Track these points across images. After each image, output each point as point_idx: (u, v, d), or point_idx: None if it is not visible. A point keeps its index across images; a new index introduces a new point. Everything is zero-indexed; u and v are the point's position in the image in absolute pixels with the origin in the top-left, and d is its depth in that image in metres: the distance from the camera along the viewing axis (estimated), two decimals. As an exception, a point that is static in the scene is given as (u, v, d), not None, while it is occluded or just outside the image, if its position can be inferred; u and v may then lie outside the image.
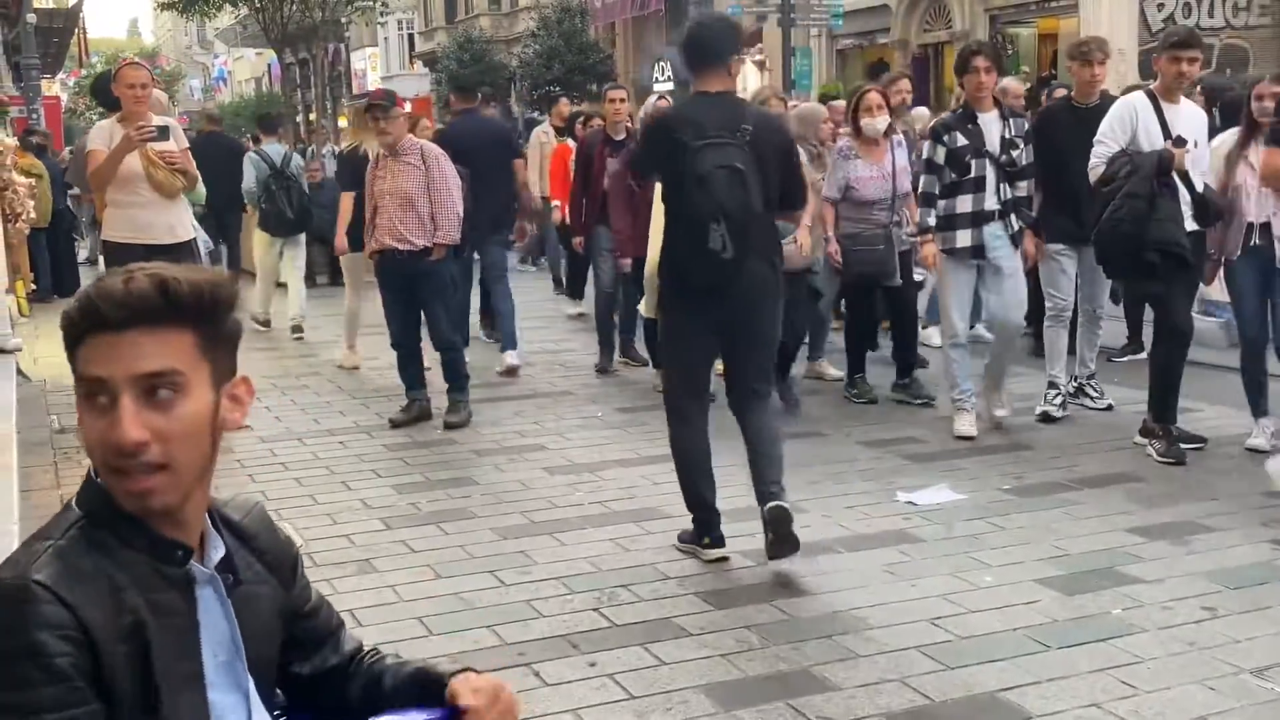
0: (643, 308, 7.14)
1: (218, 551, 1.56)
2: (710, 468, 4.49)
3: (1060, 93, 7.36)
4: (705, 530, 4.44)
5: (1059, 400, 6.29)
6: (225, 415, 1.50)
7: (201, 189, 7.03)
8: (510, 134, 9.94)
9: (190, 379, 1.44)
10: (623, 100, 7.91)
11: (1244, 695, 3.26)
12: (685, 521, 4.54)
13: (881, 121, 6.61)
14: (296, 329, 9.47)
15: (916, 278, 7.09)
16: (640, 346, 7.88)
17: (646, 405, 6.72)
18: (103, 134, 6.12)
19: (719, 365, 4.65)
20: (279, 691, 1.68)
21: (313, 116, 47.29)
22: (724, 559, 4.36)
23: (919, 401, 6.67)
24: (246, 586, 1.58)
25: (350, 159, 8.02)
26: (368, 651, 1.78)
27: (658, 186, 5.15)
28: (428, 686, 1.65)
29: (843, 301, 7.45)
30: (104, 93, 7.57)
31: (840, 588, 4.08)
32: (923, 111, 8.90)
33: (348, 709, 1.69)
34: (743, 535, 4.60)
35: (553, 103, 12.10)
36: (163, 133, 5.98)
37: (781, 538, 4.19)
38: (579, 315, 9.96)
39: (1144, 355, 6.74)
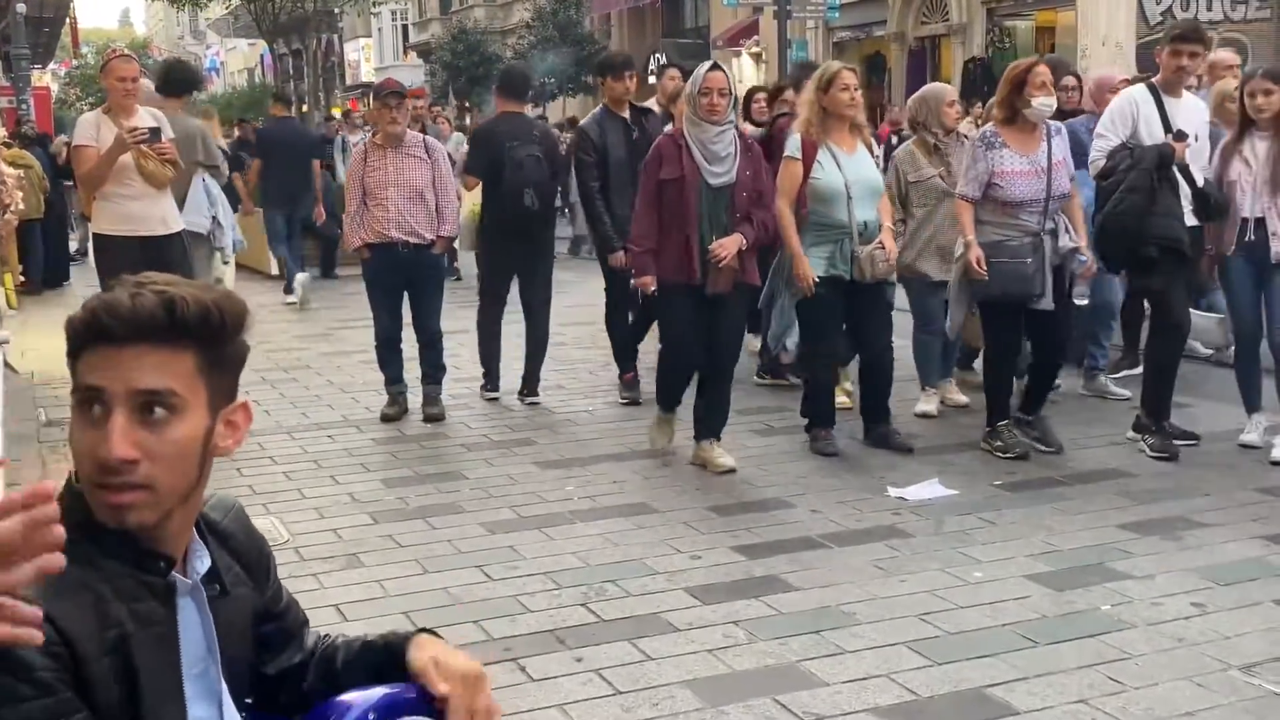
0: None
1: (203, 563, 1.53)
2: (499, 343, 6.94)
3: (1070, 80, 7.01)
4: (491, 381, 6.97)
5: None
6: (218, 441, 1.48)
7: None
8: (317, 140, 12.08)
9: (187, 400, 1.42)
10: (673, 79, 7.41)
11: (1232, 692, 3.24)
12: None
13: (1052, 102, 5.45)
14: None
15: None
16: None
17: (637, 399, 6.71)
18: (88, 127, 6.02)
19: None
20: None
21: (305, 108, 47.10)
22: (495, 399, 6.87)
23: (1050, 450, 5.55)
24: (230, 594, 1.56)
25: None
26: (321, 639, 1.75)
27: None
28: (383, 655, 1.63)
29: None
30: (176, 81, 7.43)
31: (829, 583, 4.06)
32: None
33: (306, 702, 1.66)
34: (730, 530, 4.61)
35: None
36: (154, 134, 5.92)
37: (531, 390, 6.86)
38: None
39: (1139, 371, 6.32)
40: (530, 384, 6.87)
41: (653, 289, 5.40)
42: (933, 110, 6.12)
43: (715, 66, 5.32)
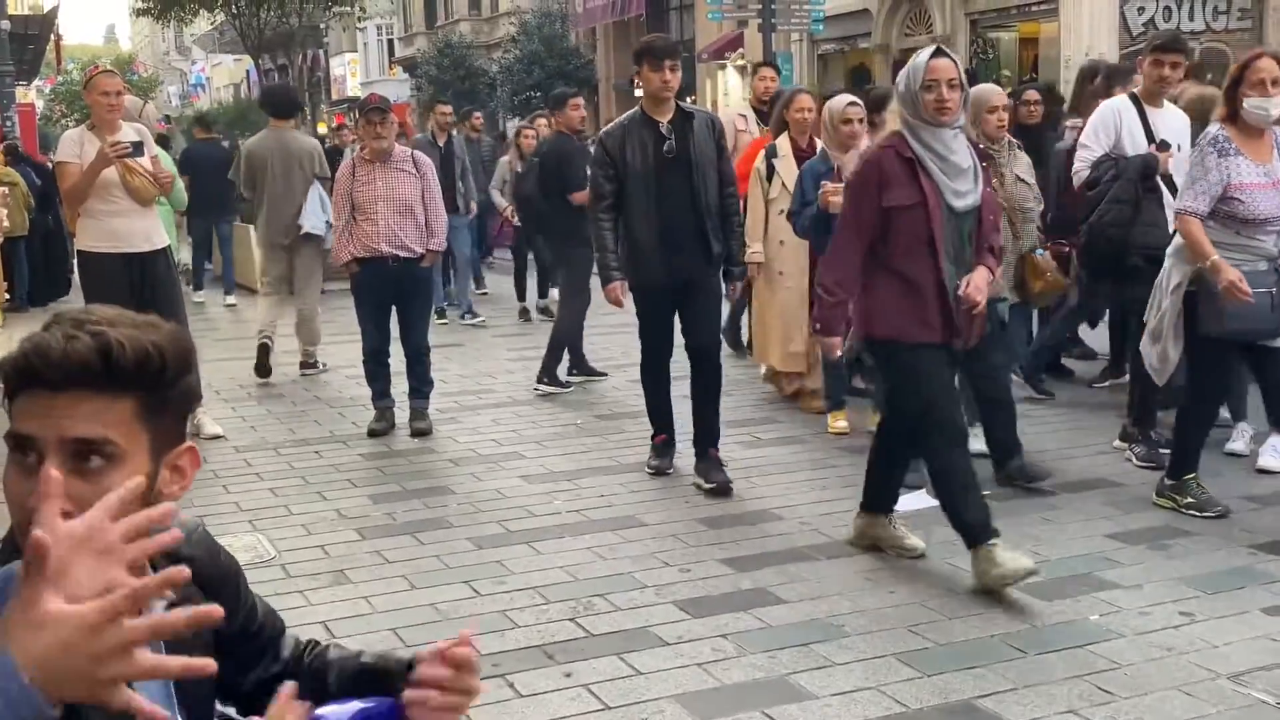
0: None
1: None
2: (579, 334, 7.71)
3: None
4: (550, 373, 7.48)
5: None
6: (162, 488, 1.39)
7: (182, 194, 7.00)
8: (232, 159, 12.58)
9: (126, 449, 1.33)
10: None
11: (1221, 700, 3.25)
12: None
13: (1273, 104, 4.50)
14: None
15: None
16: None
17: (625, 413, 6.70)
18: (71, 144, 6.00)
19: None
20: (224, 707, 1.63)
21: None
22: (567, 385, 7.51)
23: None
24: (185, 641, 1.49)
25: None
26: (307, 648, 1.71)
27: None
28: (381, 678, 1.61)
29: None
30: (282, 104, 8.39)
31: (818, 595, 4.06)
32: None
33: None
34: (719, 543, 4.60)
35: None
36: (137, 148, 5.89)
37: (540, 377, 7.54)
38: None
39: (1125, 380, 6.26)
40: (541, 370, 7.53)
41: (839, 354, 4.42)
42: (974, 118, 5.22)
43: (939, 52, 4.03)
